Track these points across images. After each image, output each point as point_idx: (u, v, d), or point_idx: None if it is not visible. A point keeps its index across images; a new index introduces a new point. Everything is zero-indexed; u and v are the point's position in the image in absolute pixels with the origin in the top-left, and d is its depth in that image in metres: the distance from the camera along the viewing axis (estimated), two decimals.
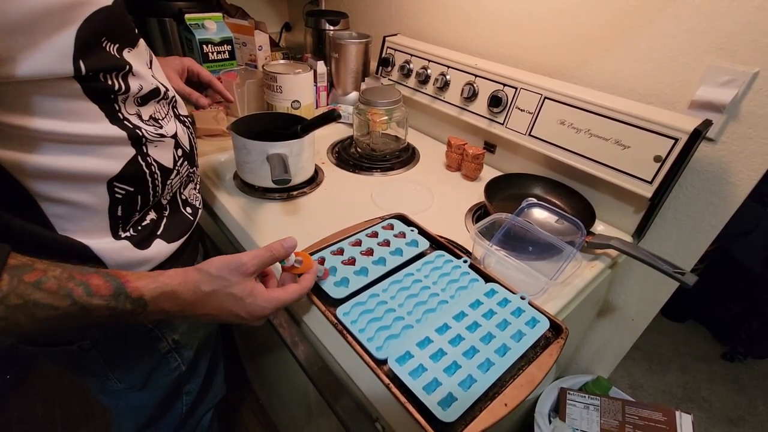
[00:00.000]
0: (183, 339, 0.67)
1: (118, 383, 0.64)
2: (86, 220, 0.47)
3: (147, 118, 0.50)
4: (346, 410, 0.59)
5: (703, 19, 0.65)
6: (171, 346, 0.65)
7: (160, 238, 0.55)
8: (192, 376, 0.75)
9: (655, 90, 0.73)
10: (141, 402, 0.70)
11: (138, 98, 0.48)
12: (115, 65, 0.43)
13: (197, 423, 0.86)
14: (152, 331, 0.62)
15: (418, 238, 0.66)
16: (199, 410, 0.84)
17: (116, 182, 0.47)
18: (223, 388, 0.91)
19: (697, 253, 0.77)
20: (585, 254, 0.71)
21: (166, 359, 0.66)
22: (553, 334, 0.53)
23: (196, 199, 0.66)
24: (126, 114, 0.47)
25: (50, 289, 0.36)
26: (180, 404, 0.77)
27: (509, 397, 0.45)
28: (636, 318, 0.92)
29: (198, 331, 0.71)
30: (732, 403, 1.56)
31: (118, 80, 0.44)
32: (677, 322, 1.87)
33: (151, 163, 0.50)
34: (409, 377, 0.45)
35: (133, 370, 0.64)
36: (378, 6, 1.26)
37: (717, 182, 0.70)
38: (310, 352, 0.61)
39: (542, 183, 0.85)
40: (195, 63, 0.77)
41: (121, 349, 0.61)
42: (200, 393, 0.79)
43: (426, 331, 0.51)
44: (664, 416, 0.85)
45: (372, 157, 0.98)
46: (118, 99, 0.45)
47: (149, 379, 0.66)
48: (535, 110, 0.82)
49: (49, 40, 0.36)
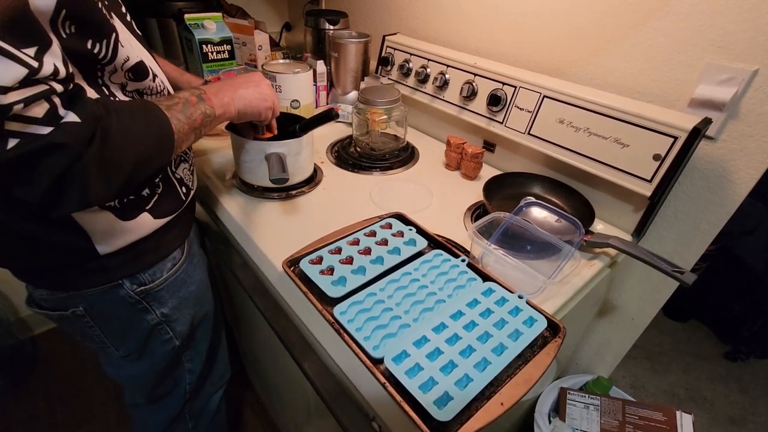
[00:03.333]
0: (173, 314, 0.69)
1: (115, 351, 0.68)
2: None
3: (131, 90, 0.52)
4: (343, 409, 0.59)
5: (701, 17, 0.65)
6: (160, 318, 0.68)
7: (147, 212, 0.57)
8: (191, 352, 0.78)
9: (654, 88, 0.73)
10: (139, 371, 0.74)
11: (128, 73, 0.50)
12: (99, 20, 0.44)
13: (204, 404, 0.89)
14: (140, 303, 0.64)
15: (416, 237, 0.66)
16: (206, 390, 0.88)
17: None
18: (227, 369, 0.95)
19: (697, 251, 0.76)
20: (584, 253, 0.71)
21: (158, 330, 0.69)
22: (551, 333, 0.53)
23: (190, 179, 0.68)
24: (107, 81, 0.48)
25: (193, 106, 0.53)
26: (183, 381, 0.80)
27: (505, 396, 0.45)
28: (636, 317, 0.91)
29: (189, 307, 0.73)
30: (734, 403, 1.55)
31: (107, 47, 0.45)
32: (679, 321, 1.86)
33: None
34: (405, 376, 0.45)
35: (126, 339, 0.67)
36: (377, 5, 1.26)
37: (717, 181, 0.70)
38: (308, 351, 0.61)
39: (541, 182, 0.84)
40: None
41: (111, 318, 0.64)
42: (203, 372, 0.83)
43: (423, 330, 0.50)
44: (665, 416, 0.85)
45: (371, 156, 0.98)
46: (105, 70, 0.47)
47: (145, 349, 0.70)
48: (534, 109, 0.82)
49: None
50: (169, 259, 0.66)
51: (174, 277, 0.67)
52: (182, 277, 0.69)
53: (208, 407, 0.91)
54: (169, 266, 0.66)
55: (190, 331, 0.74)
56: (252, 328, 1.00)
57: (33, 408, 1.37)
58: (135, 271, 0.61)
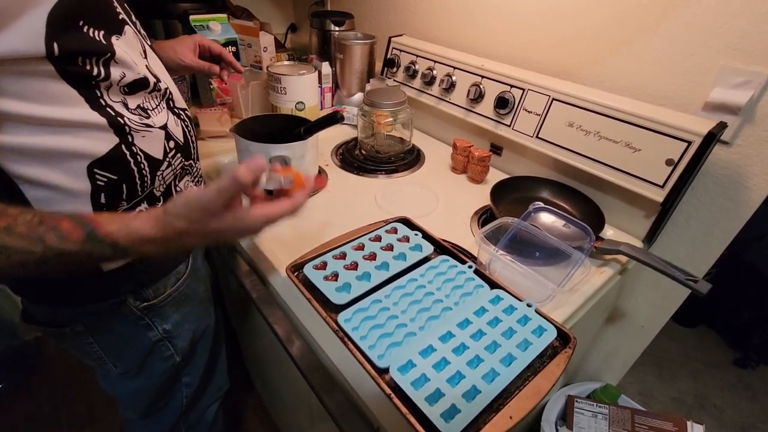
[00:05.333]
0: (175, 329, 0.67)
1: (113, 368, 0.66)
2: (68, 205, 0.46)
3: (134, 107, 0.50)
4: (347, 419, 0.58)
5: (717, 18, 0.63)
6: (162, 335, 0.66)
7: None
8: (190, 366, 0.75)
9: (667, 91, 0.71)
10: (137, 388, 0.71)
11: (124, 87, 0.47)
12: (95, 49, 0.43)
13: (200, 416, 0.87)
14: (142, 319, 0.62)
15: (422, 242, 0.65)
16: (202, 403, 0.85)
17: (96, 168, 0.47)
18: (226, 381, 0.91)
19: (710, 259, 0.74)
20: (594, 260, 0.70)
21: (159, 347, 0.67)
22: (561, 343, 0.51)
23: None
24: (109, 101, 0.46)
25: (21, 234, 0.36)
26: (180, 395, 0.77)
27: (514, 409, 0.43)
28: (646, 325, 0.89)
29: (191, 322, 0.71)
30: (744, 411, 1.53)
31: (98, 66, 0.44)
32: (688, 327, 1.84)
33: (137, 153, 0.50)
34: (411, 387, 0.44)
35: (126, 356, 0.65)
36: (383, 7, 1.25)
37: (731, 186, 0.68)
38: (311, 358, 0.60)
39: (550, 186, 0.83)
40: (204, 38, 0.81)
41: (112, 334, 0.62)
42: (201, 385, 0.80)
43: (429, 339, 0.49)
44: (675, 426, 0.83)
45: (376, 159, 0.97)
46: (100, 86, 0.45)
47: (144, 366, 0.67)
48: (542, 112, 0.80)
49: (18, 20, 0.36)
50: (173, 273, 0.64)
51: (178, 292, 0.65)
52: (186, 291, 0.67)
53: (204, 418, 0.89)
54: (173, 281, 0.64)
55: (190, 346, 0.72)
56: (255, 332, 0.99)
57: (36, 409, 1.37)
58: (139, 287, 0.60)
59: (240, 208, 0.44)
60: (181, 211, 0.42)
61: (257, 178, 0.44)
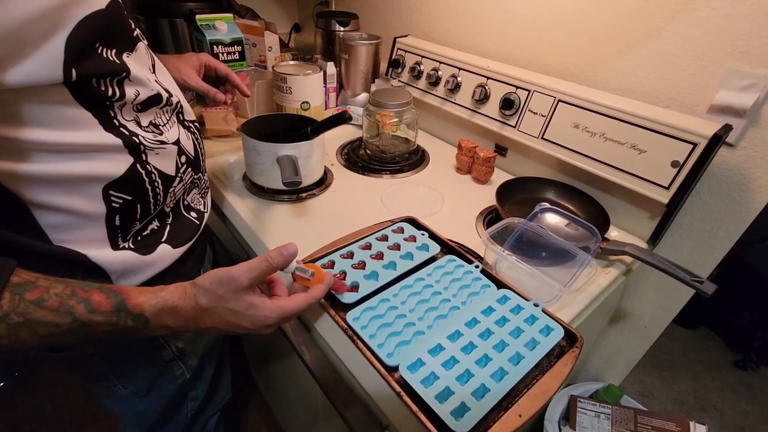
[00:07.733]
0: (187, 347, 0.66)
1: (122, 389, 0.64)
2: (82, 230, 0.45)
3: (146, 124, 0.49)
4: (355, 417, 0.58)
5: (723, 21, 0.63)
6: (175, 353, 0.65)
7: (165, 243, 0.54)
8: (197, 382, 0.74)
9: (673, 93, 0.72)
10: (145, 408, 0.70)
11: (137, 105, 0.46)
12: (111, 70, 0.42)
13: (202, 427, 0.85)
14: (156, 339, 0.61)
15: (428, 242, 0.65)
16: (205, 415, 0.84)
17: (112, 190, 0.46)
18: (228, 392, 0.90)
19: (714, 260, 0.75)
20: (599, 260, 0.70)
21: (170, 367, 0.65)
22: (568, 342, 0.52)
23: (200, 203, 0.64)
24: (122, 121, 0.45)
25: (51, 307, 0.36)
26: (185, 410, 0.76)
27: (523, 408, 0.44)
28: (649, 325, 0.90)
29: (203, 338, 0.70)
30: (744, 413, 1.53)
31: (112, 86, 0.43)
32: (688, 328, 1.84)
33: (152, 171, 0.49)
34: (420, 385, 0.44)
35: (137, 377, 0.64)
36: (388, 7, 1.25)
37: (736, 188, 0.69)
38: (319, 356, 0.61)
39: (555, 187, 0.83)
40: (211, 58, 0.77)
41: (124, 355, 0.61)
42: (206, 398, 0.79)
43: (438, 337, 0.50)
44: (678, 426, 0.84)
45: (381, 159, 0.97)
46: (114, 106, 0.44)
47: (153, 386, 0.66)
48: (548, 113, 0.81)
49: (38, 48, 0.35)
50: None
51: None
52: None
53: (206, 428, 0.87)
54: None
55: (199, 361, 0.71)
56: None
57: (39, 407, 1.37)
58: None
59: (260, 295, 0.46)
60: (210, 285, 0.43)
61: (288, 263, 0.47)
